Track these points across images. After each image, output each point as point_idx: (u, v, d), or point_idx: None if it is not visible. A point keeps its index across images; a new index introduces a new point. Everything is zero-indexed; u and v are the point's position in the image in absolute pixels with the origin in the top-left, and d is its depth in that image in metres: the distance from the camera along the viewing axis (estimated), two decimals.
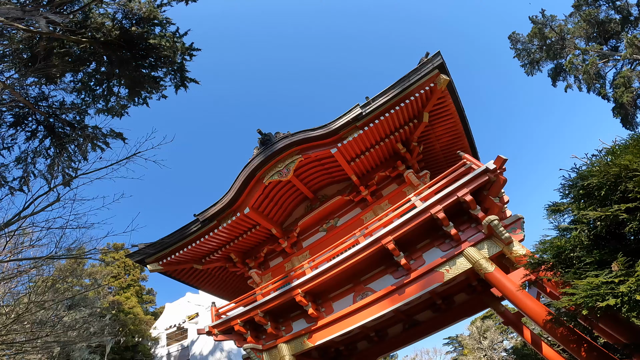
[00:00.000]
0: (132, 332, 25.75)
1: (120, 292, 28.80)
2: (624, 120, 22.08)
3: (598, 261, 4.55)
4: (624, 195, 4.15)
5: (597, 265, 4.54)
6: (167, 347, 28.27)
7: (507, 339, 33.52)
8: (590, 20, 22.36)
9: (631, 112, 21.28)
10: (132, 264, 29.48)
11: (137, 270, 30.53)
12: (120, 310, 26.12)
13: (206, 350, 25.66)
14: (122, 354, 24.48)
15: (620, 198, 4.20)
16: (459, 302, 11.42)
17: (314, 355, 11.68)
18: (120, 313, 25.78)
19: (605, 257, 4.48)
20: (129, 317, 25.93)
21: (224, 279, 13.69)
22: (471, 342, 35.09)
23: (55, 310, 15.01)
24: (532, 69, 27.54)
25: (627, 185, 3.99)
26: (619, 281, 4.06)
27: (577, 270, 4.76)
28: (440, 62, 8.64)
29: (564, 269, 5.09)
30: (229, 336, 10.38)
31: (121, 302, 26.61)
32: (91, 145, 7.79)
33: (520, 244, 6.90)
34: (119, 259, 29.33)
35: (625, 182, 4.02)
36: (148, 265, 11.19)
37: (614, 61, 22.19)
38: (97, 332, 18.53)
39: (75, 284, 21.86)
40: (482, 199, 7.52)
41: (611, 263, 4.33)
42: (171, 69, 7.20)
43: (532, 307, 6.20)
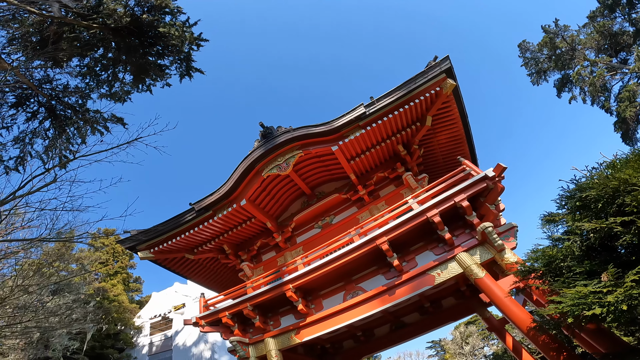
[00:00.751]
0: (115, 320, 25.65)
1: (106, 279, 28.62)
2: (625, 135, 22.27)
3: (588, 271, 4.67)
4: (620, 208, 4.24)
5: (586, 276, 4.66)
6: (149, 337, 28.17)
7: (488, 346, 34.20)
8: (604, 31, 22.34)
9: (632, 127, 21.42)
10: (122, 250, 29.32)
11: (126, 257, 30.37)
12: (105, 297, 25.98)
13: (190, 341, 25.61)
14: (102, 341, 24.36)
15: (616, 211, 4.29)
16: (446, 306, 11.63)
17: (299, 352, 11.73)
18: (105, 300, 25.63)
19: (595, 267, 4.60)
20: (113, 305, 25.82)
21: (215, 270, 13.68)
22: (453, 346, 35.66)
23: (39, 295, 14.77)
24: (539, 79, 27.58)
25: (624, 199, 4.09)
26: (607, 291, 4.17)
27: (566, 279, 4.88)
28: (448, 66, 8.72)
29: (554, 277, 5.22)
30: (216, 328, 10.39)
31: (107, 289, 26.46)
32: (91, 129, 7.78)
33: (512, 252, 7.03)
34: (109, 245, 29.12)
35: (623, 196, 4.12)
36: (139, 252, 11.14)
37: (622, 74, 22.26)
38: (79, 318, 18.33)
39: (62, 269, 21.64)
40: (478, 205, 7.65)
41: (601, 274, 4.44)
42: (177, 58, 7.22)
43: (517, 314, 6.35)
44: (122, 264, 30.20)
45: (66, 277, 19.37)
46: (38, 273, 13.48)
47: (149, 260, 11.74)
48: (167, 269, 12.80)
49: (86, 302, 20.65)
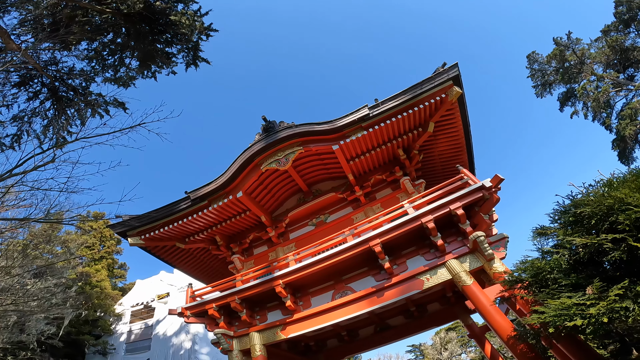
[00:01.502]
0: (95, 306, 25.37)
1: (91, 263, 28.39)
2: (622, 154, 22.55)
3: (573, 284, 4.87)
4: (612, 226, 4.40)
5: (571, 288, 4.86)
6: (129, 325, 27.80)
7: (466, 353, 34.98)
8: (615, 46, 22.41)
9: (630, 145, 21.65)
10: (110, 235, 29.09)
11: (113, 243, 30.14)
12: (88, 282, 25.75)
13: (171, 331, 25.43)
14: (79, 327, 24.04)
15: (607, 228, 4.46)
16: (431, 311, 11.92)
17: (283, 348, 11.86)
18: (87, 286, 25.41)
19: (581, 281, 4.80)
20: (95, 291, 25.61)
21: (205, 261, 13.73)
22: (432, 352, 36.36)
23: (21, 277, 14.58)
24: (543, 91, 27.65)
25: (618, 217, 4.25)
26: (590, 304, 4.35)
27: (551, 290, 5.09)
28: (456, 74, 8.87)
29: (539, 288, 5.43)
30: (201, 319, 10.39)
31: (90, 274, 26.23)
32: (91, 111, 7.82)
33: (501, 262, 7.24)
34: (97, 229, 28.86)
35: (617, 214, 4.27)
36: (129, 238, 11.12)
37: (627, 91, 22.44)
38: (59, 303, 18.06)
39: (46, 251, 21.40)
40: (472, 214, 7.85)
41: (586, 287, 4.64)
42: (185, 46, 7.30)
43: (500, 322, 6.57)
44: (109, 249, 29.97)
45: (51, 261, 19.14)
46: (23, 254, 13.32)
47: (139, 247, 11.74)
48: (157, 256, 12.79)
49: (68, 286, 20.38)
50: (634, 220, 4.13)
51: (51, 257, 20.85)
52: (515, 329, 6.26)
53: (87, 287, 25.46)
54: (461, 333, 34.80)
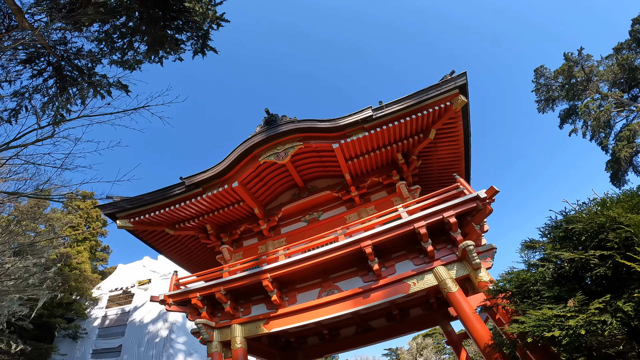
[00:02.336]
0: (71, 289, 24.96)
1: (73, 244, 28.00)
2: (614, 176, 22.94)
3: (556, 297, 5.11)
4: (600, 243, 4.62)
5: (553, 300, 5.09)
6: (105, 309, 27.39)
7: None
8: (625, 64, 22.56)
9: (624, 168, 22.04)
10: (96, 216, 28.77)
11: (99, 224, 29.81)
12: (67, 264, 25.38)
13: (148, 318, 25.11)
14: (52, 310, 23.63)
15: (596, 245, 4.68)
16: (413, 315, 12.22)
17: (263, 342, 11.97)
18: (66, 267, 25.06)
19: (563, 294, 5.04)
20: (74, 273, 25.26)
21: (193, 249, 13.76)
22: (408, 356, 37.00)
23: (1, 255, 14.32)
24: (546, 107, 27.90)
25: (608, 235, 4.46)
26: (570, 316, 4.58)
27: (534, 301, 5.33)
28: (463, 83, 9.06)
29: (521, 299, 5.68)
30: (183, 308, 10.37)
31: (71, 255, 25.85)
32: (94, 92, 7.86)
33: (487, 272, 7.49)
34: (84, 209, 28.48)
35: (608, 232, 4.48)
36: (118, 220, 11.05)
37: (629, 111, 22.66)
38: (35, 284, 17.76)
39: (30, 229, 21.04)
40: (464, 223, 8.09)
41: (567, 300, 4.87)
42: (195, 34, 7.38)
43: (479, 330, 6.81)
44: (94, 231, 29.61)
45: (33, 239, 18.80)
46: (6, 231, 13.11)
47: (127, 230, 11.67)
48: (144, 241, 12.72)
49: (47, 267, 20.07)
50: (624, 239, 4.35)
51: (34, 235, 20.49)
52: (493, 337, 6.51)
53: (67, 268, 25.08)
54: (437, 340, 35.61)
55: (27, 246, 17.34)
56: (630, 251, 4.21)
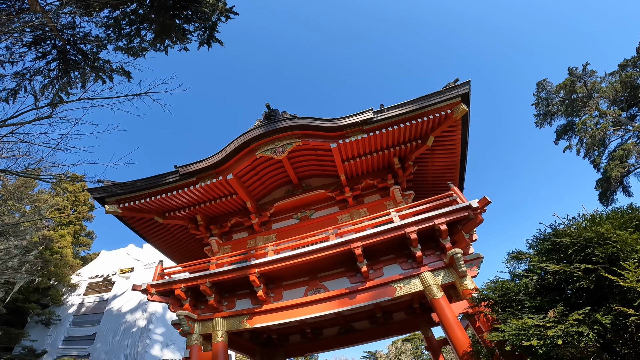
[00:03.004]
0: (50, 274, 24.58)
1: (57, 227, 27.62)
2: (603, 194, 23.32)
3: (537, 307, 5.31)
4: (586, 257, 4.83)
5: (534, 310, 5.30)
6: (82, 297, 26.98)
7: None
8: (627, 82, 22.71)
9: (613, 187, 22.42)
10: (84, 199, 28.45)
11: (85, 208, 29.47)
12: (49, 247, 25.03)
13: (126, 307, 24.83)
14: (29, 295, 23.34)
15: (581, 259, 4.89)
16: (396, 319, 12.46)
17: (244, 337, 12.02)
18: (47, 251, 24.71)
19: (544, 304, 5.25)
20: (54, 257, 24.91)
21: (181, 239, 13.76)
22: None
23: None
24: (544, 121, 28.15)
25: (594, 250, 4.66)
26: (549, 326, 4.78)
27: (515, 311, 5.54)
28: (466, 91, 9.25)
29: (504, 308, 5.89)
30: (166, 299, 10.29)
31: (53, 238, 25.49)
32: (95, 76, 7.89)
33: (472, 280, 7.73)
34: (72, 191, 28.10)
35: (595, 247, 4.69)
36: (107, 205, 10.97)
37: (624, 130, 22.92)
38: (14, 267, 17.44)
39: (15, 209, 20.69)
40: (454, 231, 8.30)
41: (548, 310, 5.07)
42: (203, 25, 7.46)
43: (459, 337, 7.01)
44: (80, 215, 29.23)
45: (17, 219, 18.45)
46: None
47: (115, 216, 11.57)
48: (131, 228, 12.67)
49: (28, 250, 19.70)
50: (610, 254, 4.55)
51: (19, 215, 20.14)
52: (472, 345, 6.72)
53: (47, 252, 24.72)
54: (416, 345, 36.14)
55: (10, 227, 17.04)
56: (615, 266, 4.41)
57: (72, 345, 23.96)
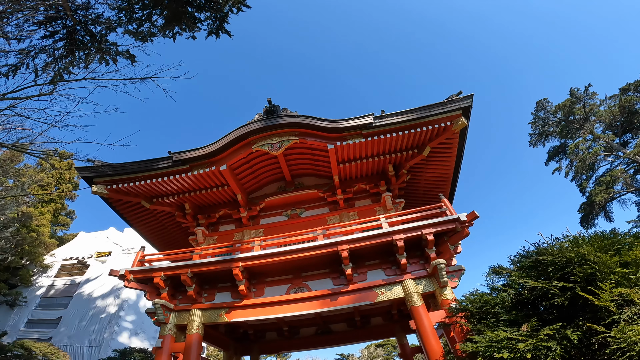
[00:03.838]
0: (23, 253, 24.04)
1: (37, 204, 27.12)
2: (585, 218, 23.76)
3: (511, 320, 5.60)
4: (564, 276, 5.11)
5: (509, 324, 5.58)
6: (53, 278, 26.41)
7: None
8: (626, 106, 22.83)
9: (595, 212, 22.88)
10: (69, 178, 28.07)
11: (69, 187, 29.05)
12: (27, 225, 24.53)
13: (98, 292, 24.36)
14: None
15: (559, 277, 5.16)
16: (373, 324, 12.78)
17: (220, 330, 12.10)
18: (24, 228, 24.23)
19: (519, 318, 5.53)
20: (30, 236, 24.37)
21: (166, 226, 13.76)
22: None
23: None
24: (537, 141, 28.49)
25: (573, 270, 4.94)
26: (521, 339, 5.06)
27: (490, 323, 5.83)
28: (468, 105, 9.55)
29: (479, 320, 6.18)
30: (143, 286, 10.22)
31: (32, 215, 24.97)
32: (100, 57, 7.95)
33: (452, 291, 8.02)
34: (58, 169, 27.62)
35: (574, 266, 4.97)
36: (94, 185, 10.90)
37: (615, 156, 23.25)
38: None
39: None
40: (440, 242, 8.60)
41: (521, 324, 5.36)
42: (214, 15, 7.57)
43: (433, 346, 7.27)
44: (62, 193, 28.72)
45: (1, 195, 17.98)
46: None
47: (100, 197, 11.50)
48: (116, 211, 12.58)
49: (5, 226, 19.24)
50: (588, 275, 4.85)
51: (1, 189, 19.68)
52: (444, 354, 7.00)
53: (24, 229, 24.18)
54: (388, 351, 36.50)
55: None
56: (591, 285, 4.70)
57: (35, 328, 23.32)
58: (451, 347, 7.38)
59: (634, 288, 4.46)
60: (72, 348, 21.29)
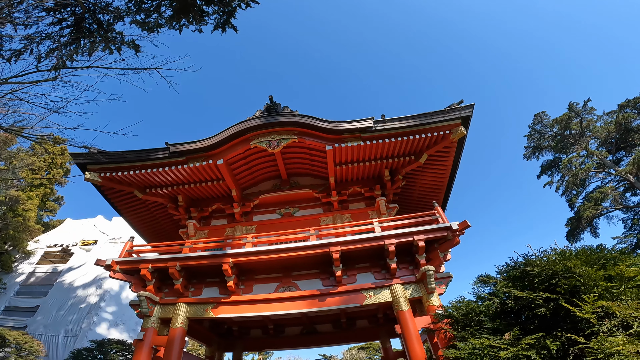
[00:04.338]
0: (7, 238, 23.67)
1: (26, 188, 26.79)
2: (571, 232, 24.19)
3: (495, 329, 5.78)
4: (549, 287, 5.29)
5: (492, 332, 5.77)
6: (35, 265, 25.89)
7: None
8: (622, 123, 23.14)
9: (582, 227, 23.33)
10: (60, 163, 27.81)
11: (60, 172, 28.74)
12: (13, 209, 24.23)
13: (80, 282, 23.85)
14: None
15: (545, 288, 5.34)
16: (359, 326, 12.95)
17: (204, 325, 12.10)
18: (10, 212, 23.95)
19: (502, 327, 5.71)
20: (16, 220, 24.09)
21: (157, 217, 13.78)
22: None
23: None
24: (532, 155, 28.87)
25: (558, 282, 5.12)
26: (503, 348, 5.24)
27: (474, 330, 6.01)
28: (468, 115, 9.76)
29: (464, 327, 6.37)
30: (129, 277, 10.16)
31: (20, 199, 24.67)
32: (104, 46, 8.02)
33: (438, 297, 8.22)
34: (50, 153, 27.32)
35: (560, 278, 5.16)
36: (87, 172, 10.88)
37: (606, 173, 23.64)
38: None
39: None
40: (431, 249, 8.80)
41: (504, 333, 5.55)
42: (222, 9, 7.68)
43: (417, 351, 7.44)
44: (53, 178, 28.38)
45: None
46: None
47: (93, 184, 11.47)
48: (107, 199, 12.61)
49: None
50: (572, 287, 5.05)
51: None
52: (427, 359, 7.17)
53: (10, 213, 23.90)
54: (370, 354, 36.68)
55: None
56: (574, 297, 4.90)
57: (11, 316, 22.77)
58: (433, 353, 7.56)
59: (616, 301, 4.65)
60: (47, 337, 20.73)
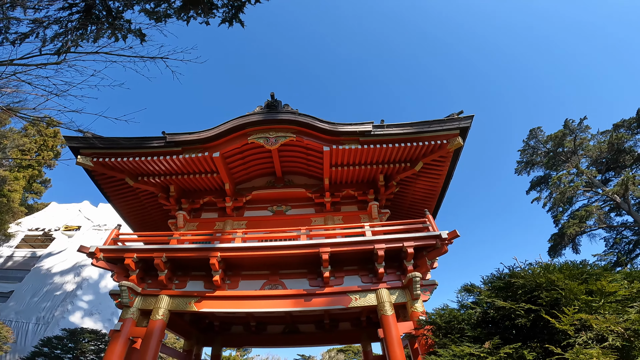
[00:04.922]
0: None
1: (14, 169, 26.43)
2: (553, 248, 24.70)
3: (476, 337, 5.97)
4: (531, 299, 5.49)
5: (473, 340, 5.96)
6: (14, 249, 25.46)
7: None
8: (615, 143, 23.58)
9: (565, 243, 23.88)
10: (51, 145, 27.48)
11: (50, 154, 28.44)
12: None
13: (58, 268, 23.50)
14: None
15: (527, 300, 5.55)
16: (341, 328, 13.04)
17: (185, 319, 12.02)
18: None
19: (482, 336, 5.91)
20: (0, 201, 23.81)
21: (147, 206, 13.74)
22: None
23: None
24: (523, 170, 29.35)
25: (541, 294, 5.33)
26: (483, 356, 5.42)
27: (455, 338, 6.20)
28: (467, 126, 10.00)
29: (445, 334, 6.56)
30: (112, 266, 9.97)
31: (6, 180, 24.35)
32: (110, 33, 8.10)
33: (422, 304, 8.43)
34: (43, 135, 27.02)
35: (542, 291, 5.37)
36: (80, 156, 10.80)
37: (593, 193, 24.17)
38: None
39: None
40: (419, 256, 9.00)
41: (484, 341, 5.73)
42: (231, 3, 7.82)
43: (397, 356, 7.60)
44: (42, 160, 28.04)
45: None
46: None
47: (84, 169, 11.41)
48: (97, 185, 12.51)
49: None
50: (553, 299, 5.26)
51: None
52: None
53: None
54: (349, 357, 36.64)
55: None
56: (555, 309, 5.11)
57: None
58: (413, 358, 7.71)
59: (594, 314, 4.86)
60: (17, 324, 20.20)
